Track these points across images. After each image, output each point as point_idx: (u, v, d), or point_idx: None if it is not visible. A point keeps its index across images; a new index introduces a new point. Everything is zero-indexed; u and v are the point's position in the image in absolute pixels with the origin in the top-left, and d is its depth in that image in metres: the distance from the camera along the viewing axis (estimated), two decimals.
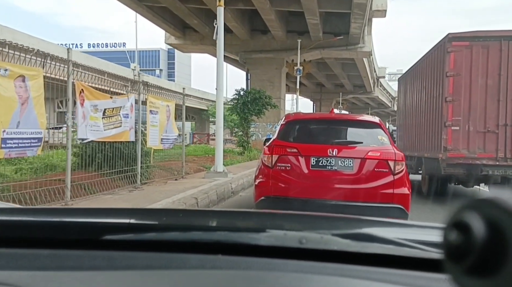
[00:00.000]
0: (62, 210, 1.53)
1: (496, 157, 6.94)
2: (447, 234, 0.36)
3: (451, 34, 7.26)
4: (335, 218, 1.04)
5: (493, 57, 6.97)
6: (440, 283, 0.59)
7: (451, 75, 7.14)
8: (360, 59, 25.98)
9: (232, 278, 0.66)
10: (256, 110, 16.28)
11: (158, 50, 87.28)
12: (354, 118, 5.48)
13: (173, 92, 9.30)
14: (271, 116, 23.28)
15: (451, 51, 7.14)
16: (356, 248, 0.70)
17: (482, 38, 7.11)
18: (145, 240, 0.76)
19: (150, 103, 7.29)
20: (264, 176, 4.61)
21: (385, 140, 4.60)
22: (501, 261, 0.31)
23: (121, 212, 1.12)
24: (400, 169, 4.39)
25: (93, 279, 0.67)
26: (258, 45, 22.08)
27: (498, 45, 6.93)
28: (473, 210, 0.34)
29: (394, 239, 0.72)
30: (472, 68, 7.03)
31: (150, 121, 7.31)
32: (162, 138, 7.75)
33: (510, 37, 6.93)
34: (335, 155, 4.43)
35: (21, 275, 0.67)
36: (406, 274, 0.66)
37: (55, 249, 0.73)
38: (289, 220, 0.97)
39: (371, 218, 0.99)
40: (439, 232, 0.38)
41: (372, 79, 35.69)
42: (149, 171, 7.90)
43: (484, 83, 6.99)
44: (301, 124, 5.09)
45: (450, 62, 7.14)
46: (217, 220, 0.97)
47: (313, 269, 0.67)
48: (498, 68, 6.93)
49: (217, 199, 6.75)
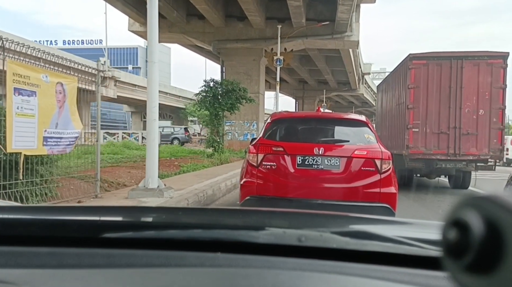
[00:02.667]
0: (62, 208, 1.61)
1: (447, 153, 8.81)
2: (446, 232, 0.36)
3: (412, 55, 9.17)
4: (334, 216, 1.12)
5: (445, 73, 8.88)
6: (439, 280, 0.61)
7: (412, 87, 9.02)
8: (346, 52, 23.90)
9: (231, 276, 0.68)
10: (228, 104, 13.61)
11: (136, 47, 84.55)
12: (340, 117, 5.46)
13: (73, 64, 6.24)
14: (248, 113, 20.83)
15: (412, 68, 9.03)
16: (355, 246, 0.73)
17: (436, 57, 9.03)
18: (145, 238, 0.79)
19: (14, 75, 4.36)
20: (249, 176, 4.62)
21: (372, 139, 4.65)
22: (499, 258, 0.32)
23: (120, 210, 1.14)
24: (387, 167, 4.45)
25: (93, 277, 0.68)
26: (233, 34, 19.65)
27: (449, 64, 8.89)
28: (472, 208, 0.34)
29: (393, 237, 0.74)
30: (428, 82, 8.96)
31: (18, 107, 4.40)
32: (47, 137, 4.89)
33: (458, 57, 8.92)
34: (321, 154, 4.46)
35: (21, 273, 0.68)
36: (405, 272, 0.68)
37: (55, 247, 0.74)
38: (288, 218, 0.99)
39: (370, 216, 1.05)
40: (437, 230, 0.39)
41: (357, 76, 34.12)
42: (50, 187, 5.10)
43: (438, 94, 8.91)
44: (287, 123, 5.17)
45: (411, 77, 9.03)
46: (216, 218, 0.99)
47: (312, 266, 0.68)
48: (449, 82, 8.86)
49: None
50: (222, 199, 7.61)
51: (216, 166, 12.76)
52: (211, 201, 7.04)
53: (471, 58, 8.93)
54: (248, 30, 20.69)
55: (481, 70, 8.82)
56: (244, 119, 21.27)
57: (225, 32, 20.87)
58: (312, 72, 33.97)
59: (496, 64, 8.82)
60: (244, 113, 21.65)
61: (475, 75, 8.82)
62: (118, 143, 21.96)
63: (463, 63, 8.85)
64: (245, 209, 1.54)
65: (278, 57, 17.69)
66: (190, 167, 11.35)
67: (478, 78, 8.82)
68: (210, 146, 14.98)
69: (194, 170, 11.05)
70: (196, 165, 11.96)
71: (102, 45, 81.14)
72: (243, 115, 21.50)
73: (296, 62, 29.66)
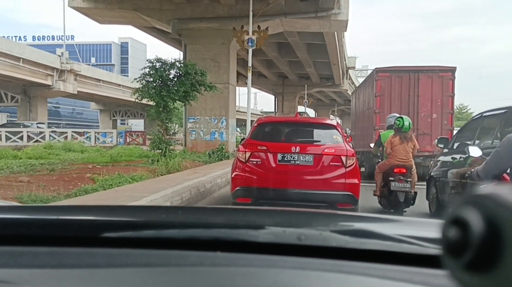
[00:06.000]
0: (61, 208, 1.56)
1: None
2: (446, 230, 0.37)
3: (378, 69, 11.27)
4: (334, 214, 1.14)
5: (405, 84, 10.77)
6: (438, 278, 0.60)
7: (378, 95, 10.89)
8: (331, 37, 20.45)
9: (231, 275, 0.67)
10: (181, 93, 9.72)
11: (110, 43, 79.10)
12: (314, 121, 7.06)
13: None
14: (216, 107, 16.96)
15: (378, 79, 10.96)
16: (355, 245, 0.72)
17: (398, 71, 11.04)
18: (144, 237, 0.78)
19: None
20: (239, 170, 5.34)
21: (339, 140, 5.41)
22: (498, 256, 0.32)
23: (120, 210, 1.15)
24: (351, 162, 5.18)
25: (92, 277, 0.68)
26: (197, 11, 15.83)
27: (408, 76, 10.81)
28: (471, 206, 0.35)
29: (393, 235, 0.73)
30: (391, 91, 10.82)
31: None
32: None
33: (415, 71, 10.88)
34: (297, 152, 5.20)
35: (20, 273, 0.68)
36: (405, 270, 0.67)
37: (54, 247, 0.74)
38: (288, 217, 0.98)
39: (370, 214, 1.07)
40: (437, 228, 0.39)
41: (341, 69, 30.81)
42: None
43: (399, 101, 10.73)
44: (270, 126, 6.04)
45: (377, 87, 10.91)
46: (216, 217, 0.97)
47: (312, 265, 0.68)
48: (408, 91, 10.74)
49: None
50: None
51: (157, 177, 8.88)
52: None
53: (426, 71, 10.80)
54: (215, 6, 16.60)
55: (434, 82, 10.64)
56: (211, 114, 17.34)
57: (187, 9, 16.68)
58: (292, 64, 30.16)
59: (446, 76, 10.66)
60: (211, 108, 17.75)
61: (429, 85, 10.63)
62: (58, 144, 17.91)
63: (419, 75, 10.68)
64: (245, 207, 1.36)
65: (250, 37, 13.94)
66: (107, 182, 7.39)
67: (432, 88, 10.61)
68: (155, 147, 11.04)
69: (110, 186, 6.92)
70: (122, 176, 7.86)
71: (73, 41, 76.15)
72: (210, 110, 17.61)
73: (274, 52, 25.86)
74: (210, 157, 14.53)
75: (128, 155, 14.14)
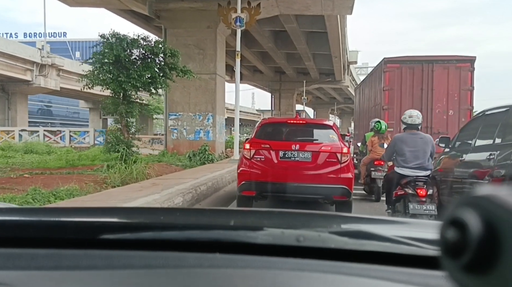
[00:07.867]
0: (59, 209, 1.53)
1: None
2: (444, 231, 0.37)
3: (386, 59, 10.09)
4: (332, 216, 1.12)
5: (417, 76, 9.69)
6: (437, 280, 0.60)
7: (386, 89, 9.88)
8: (334, 23, 18.10)
9: (229, 276, 0.67)
10: (144, 78, 7.11)
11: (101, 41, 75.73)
12: (312, 122, 7.58)
13: None
14: (201, 102, 14.41)
15: (386, 71, 9.89)
16: (353, 246, 0.72)
17: (409, 61, 9.91)
18: (143, 239, 0.77)
19: None
20: (245, 166, 5.78)
21: (335, 138, 5.86)
22: (497, 257, 0.32)
23: (118, 211, 1.12)
24: (345, 159, 5.59)
25: (90, 279, 0.67)
26: None
27: (421, 67, 9.70)
28: (470, 207, 0.34)
29: (391, 237, 0.73)
30: (402, 84, 9.78)
31: None
32: None
33: (429, 61, 9.75)
34: (297, 149, 5.64)
35: (18, 275, 0.67)
36: (403, 271, 0.67)
37: (52, 249, 0.73)
38: (287, 218, 0.96)
39: (368, 216, 1.04)
40: (435, 229, 0.39)
41: (343, 63, 27.92)
42: None
43: (411, 95, 9.72)
44: (273, 126, 6.51)
45: (386, 80, 9.86)
46: (215, 218, 0.96)
47: (310, 267, 0.68)
48: (420, 84, 9.68)
49: None
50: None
51: (103, 190, 6.38)
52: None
53: (441, 62, 9.75)
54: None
55: (450, 73, 9.59)
56: (195, 110, 14.74)
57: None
58: (290, 57, 27.52)
59: (464, 67, 9.61)
60: (195, 103, 15.16)
61: (445, 78, 9.61)
62: (18, 145, 15.34)
63: (434, 66, 9.69)
64: (243, 209, 1.33)
65: (238, 15, 11.33)
66: (38, 196, 5.02)
67: (448, 81, 9.60)
68: (111, 150, 8.47)
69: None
70: (39, 192, 5.50)
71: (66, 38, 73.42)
72: (194, 105, 15.01)
73: (270, 43, 23.22)
74: (191, 160, 12.01)
75: (92, 158, 11.57)
